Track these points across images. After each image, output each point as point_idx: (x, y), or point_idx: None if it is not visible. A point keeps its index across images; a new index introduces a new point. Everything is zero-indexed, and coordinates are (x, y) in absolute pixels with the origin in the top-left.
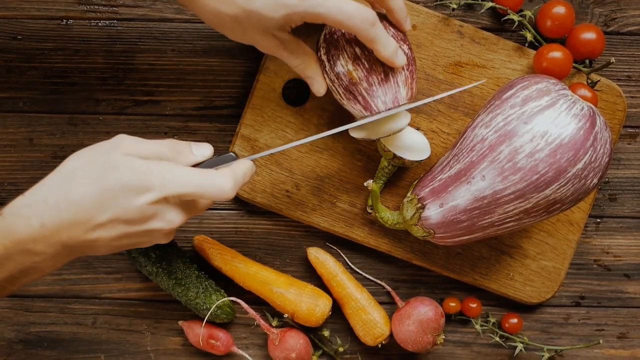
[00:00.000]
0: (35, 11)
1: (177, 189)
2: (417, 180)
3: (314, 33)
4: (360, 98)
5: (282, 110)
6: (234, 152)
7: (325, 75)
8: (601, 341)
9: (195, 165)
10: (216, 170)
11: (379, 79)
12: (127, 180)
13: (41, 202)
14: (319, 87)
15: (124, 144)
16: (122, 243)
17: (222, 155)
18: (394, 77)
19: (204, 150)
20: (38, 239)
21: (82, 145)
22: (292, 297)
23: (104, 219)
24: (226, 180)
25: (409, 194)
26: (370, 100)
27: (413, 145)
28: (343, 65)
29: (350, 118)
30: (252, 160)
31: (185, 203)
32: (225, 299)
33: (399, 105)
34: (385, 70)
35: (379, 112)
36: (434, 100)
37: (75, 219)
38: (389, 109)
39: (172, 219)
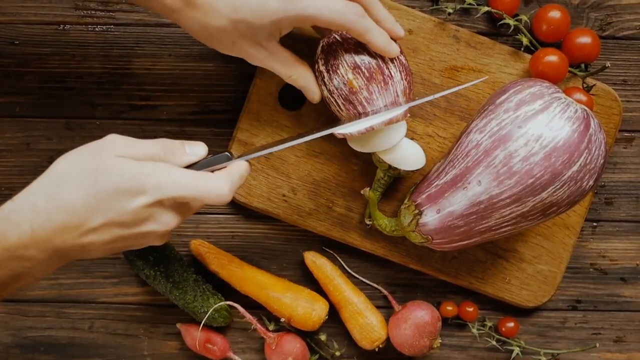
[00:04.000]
0: (32, 16)
1: (173, 191)
2: (413, 187)
3: (301, 49)
4: (360, 107)
5: (278, 114)
6: (229, 152)
7: (324, 87)
8: (598, 345)
9: (190, 166)
10: (212, 173)
11: (379, 87)
12: (120, 183)
13: (30, 207)
14: (313, 95)
15: (115, 145)
16: (116, 246)
17: (216, 155)
18: (393, 86)
19: (198, 149)
20: (28, 245)
21: None
22: (288, 302)
23: (97, 223)
24: (223, 184)
25: (406, 201)
26: (370, 110)
27: (408, 155)
28: (343, 75)
29: None
30: (247, 160)
31: (180, 205)
32: (223, 302)
33: (396, 106)
34: (385, 79)
35: (377, 112)
36: (430, 102)
37: (67, 223)
38: (385, 106)
39: (167, 221)
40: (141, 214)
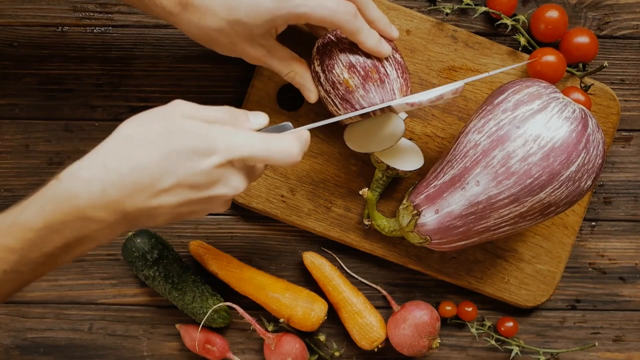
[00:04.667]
0: (31, 18)
1: (245, 151)
2: (412, 187)
3: (298, 48)
4: (357, 106)
5: (276, 115)
6: (289, 123)
7: (320, 87)
8: (597, 344)
9: None
10: (280, 134)
11: (375, 85)
12: (192, 143)
13: (101, 166)
14: (309, 93)
15: (182, 108)
16: (183, 211)
17: (278, 125)
18: (389, 84)
19: (261, 118)
20: (98, 206)
21: (78, 152)
22: (287, 302)
23: (169, 183)
24: (293, 144)
25: (404, 201)
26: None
27: (406, 155)
28: (339, 74)
29: (345, 126)
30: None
31: (248, 168)
32: (222, 303)
33: (394, 100)
34: (381, 77)
35: (381, 103)
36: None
37: (139, 183)
38: (384, 102)
39: (236, 184)
40: (212, 175)
